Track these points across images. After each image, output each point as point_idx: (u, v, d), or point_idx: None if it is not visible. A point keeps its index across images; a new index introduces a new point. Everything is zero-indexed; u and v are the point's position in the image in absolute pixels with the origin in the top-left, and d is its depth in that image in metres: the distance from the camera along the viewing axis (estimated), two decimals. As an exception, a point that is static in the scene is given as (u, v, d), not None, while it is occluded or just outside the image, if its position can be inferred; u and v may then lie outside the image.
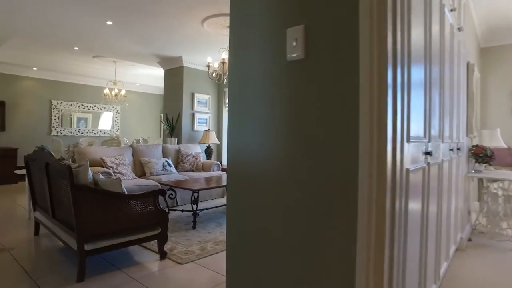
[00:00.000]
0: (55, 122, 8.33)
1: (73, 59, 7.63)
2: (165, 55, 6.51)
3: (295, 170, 1.34)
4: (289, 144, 1.37)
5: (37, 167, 3.30)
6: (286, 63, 1.39)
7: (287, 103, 1.40)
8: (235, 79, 1.60)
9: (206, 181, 4.71)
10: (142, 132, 10.16)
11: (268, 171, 1.44)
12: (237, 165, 1.57)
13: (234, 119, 1.59)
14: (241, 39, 1.55)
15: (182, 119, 6.66)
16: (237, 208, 1.56)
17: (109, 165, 4.72)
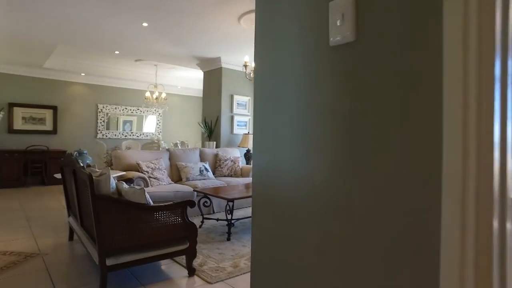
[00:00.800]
0: (101, 125, 8.60)
1: (116, 63, 7.81)
2: (203, 57, 6.36)
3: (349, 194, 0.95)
4: (336, 160, 0.99)
5: (68, 173, 3.22)
6: (328, 50, 1.01)
7: (332, 104, 1.01)
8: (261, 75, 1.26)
9: (243, 189, 4.42)
10: (183, 135, 10.20)
11: (310, 195, 1.06)
12: (265, 187, 1.23)
13: (261, 127, 1.25)
14: (268, 21, 1.21)
15: (221, 122, 6.46)
16: (264, 245, 1.21)
17: (144, 170, 4.62)
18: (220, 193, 3.93)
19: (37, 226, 4.12)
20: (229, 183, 5.18)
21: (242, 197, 3.79)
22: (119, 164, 4.67)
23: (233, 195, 3.85)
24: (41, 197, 5.98)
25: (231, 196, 3.77)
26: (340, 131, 0.96)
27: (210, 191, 4.12)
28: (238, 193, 4.02)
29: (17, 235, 3.79)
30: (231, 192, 4.05)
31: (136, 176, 4.29)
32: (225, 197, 3.68)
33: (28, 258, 3.13)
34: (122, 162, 4.69)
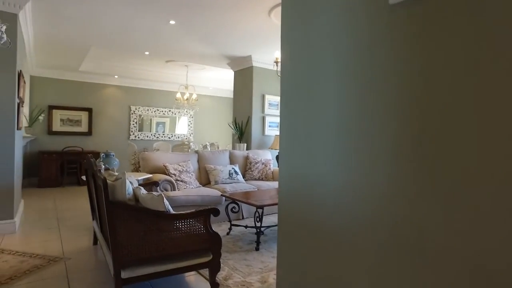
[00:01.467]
0: (133, 127, 8.67)
1: (148, 65, 7.82)
2: (233, 55, 6.14)
3: (441, 228, 0.62)
4: (417, 172, 0.65)
5: (89, 176, 3.10)
6: (387, 10, 0.68)
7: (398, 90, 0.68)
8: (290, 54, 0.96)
9: (274, 194, 4.11)
10: (215, 136, 10.08)
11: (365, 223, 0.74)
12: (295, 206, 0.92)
13: (288, 132, 0.94)
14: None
15: (252, 123, 6.20)
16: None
17: (171, 172, 4.45)
18: (249, 199, 3.65)
19: (66, 228, 4.07)
20: (259, 187, 4.90)
21: (273, 203, 3.48)
22: (146, 166, 4.55)
23: (263, 201, 3.55)
24: (74, 197, 6.05)
25: (260, 202, 3.48)
26: (416, 126, 0.63)
27: (239, 196, 3.85)
28: (269, 199, 3.72)
29: (47, 236, 3.75)
30: (261, 198, 3.76)
31: (163, 179, 4.13)
32: (254, 204, 3.39)
33: (52, 262, 3.03)
34: (149, 164, 4.56)
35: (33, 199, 5.77)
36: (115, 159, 4.10)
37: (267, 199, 3.73)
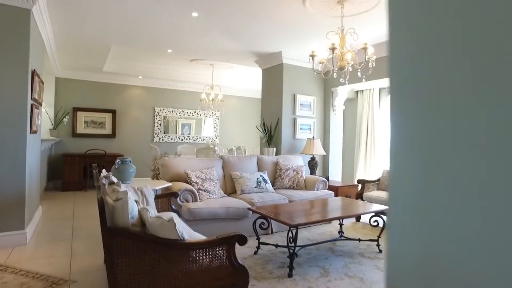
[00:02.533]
0: (157, 129, 8.39)
1: (172, 65, 7.49)
2: (262, 52, 5.63)
3: None
4: None
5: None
6: None
7: None
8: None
9: (309, 208, 3.55)
10: (241, 139, 9.63)
11: None
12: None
13: (410, 155, 0.41)
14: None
15: (282, 125, 5.66)
16: None
17: (193, 181, 4.00)
18: (280, 215, 3.11)
19: (80, 239, 3.73)
20: (290, 198, 4.35)
21: (309, 222, 2.93)
22: (166, 174, 4.13)
23: (298, 218, 3.01)
24: (94, 203, 5.77)
25: (295, 220, 2.93)
26: None
27: (268, 211, 3.32)
28: (303, 215, 3.17)
29: (57, 251, 3.41)
30: (294, 214, 3.22)
31: (183, 189, 3.68)
32: (287, 223, 2.85)
33: (54, 286, 2.65)
34: (169, 171, 4.14)
35: (53, 205, 5.54)
36: (131, 166, 3.70)
37: (301, 215, 3.18)
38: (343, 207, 3.62)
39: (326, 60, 3.73)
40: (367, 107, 6.84)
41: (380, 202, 4.46)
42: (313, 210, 3.44)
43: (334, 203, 3.80)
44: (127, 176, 3.69)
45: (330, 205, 3.69)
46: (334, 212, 3.35)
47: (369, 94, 6.82)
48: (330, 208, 3.55)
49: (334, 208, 3.57)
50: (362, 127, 6.90)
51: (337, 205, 3.72)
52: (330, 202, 3.87)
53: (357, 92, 7.13)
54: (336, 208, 3.55)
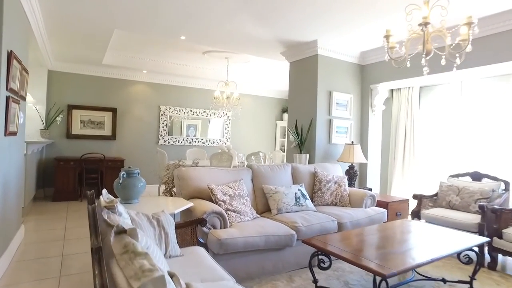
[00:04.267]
0: (163, 130, 7.46)
1: (181, 58, 6.59)
2: (293, 41, 4.74)
3: None
4: None
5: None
6: None
7: None
8: None
9: (383, 239, 2.65)
10: (255, 143, 8.73)
11: None
12: None
13: None
14: None
15: (316, 128, 4.76)
16: None
17: (219, 198, 3.09)
18: (362, 261, 2.19)
19: (68, 279, 2.79)
20: (340, 219, 3.45)
21: (410, 267, 2.02)
22: (184, 188, 3.22)
23: (389, 262, 2.09)
24: (91, 219, 4.84)
25: (387, 267, 2.01)
26: None
27: (339, 249, 2.39)
28: (388, 254, 2.25)
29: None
30: (369, 249, 2.32)
31: (209, 211, 2.77)
32: (379, 272, 1.93)
33: None
34: (188, 186, 3.23)
35: (41, 220, 4.60)
36: (140, 181, 2.80)
37: (385, 254, 2.27)
38: (430, 237, 2.71)
39: (409, 42, 2.81)
40: (405, 108, 5.95)
41: (448, 224, 3.57)
42: (391, 243, 2.53)
43: (410, 230, 2.89)
44: (135, 194, 2.79)
45: (408, 234, 2.77)
46: (428, 248, 2.43)
47: (407, 93, 5.94)
48: (412, 239, 2.64)
49: (418, 239, 2.66)
50: (399, 131, 6.01)
51: (416, 233, 2.80)
52: (401, 228, 2.96)
53: (392, 91, 6.25)
54: (422, 240, 2.64)
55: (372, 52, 4.96)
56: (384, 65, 4.89)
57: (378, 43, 4.70)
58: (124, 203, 2.74)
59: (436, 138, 5.62)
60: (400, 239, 2.66)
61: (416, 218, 3.99)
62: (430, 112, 5.74)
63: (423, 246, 2.45)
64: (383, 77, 4.94)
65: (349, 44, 4.78)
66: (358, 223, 3.56)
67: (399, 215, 4.29)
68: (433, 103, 5.68)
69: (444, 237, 2.70)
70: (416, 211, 4.02)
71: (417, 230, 2.92)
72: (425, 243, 2.53)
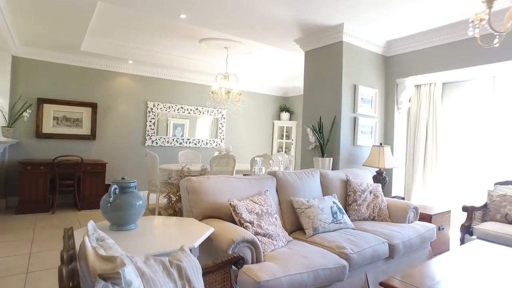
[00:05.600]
0: (150, 129, 6.56)
1: (174, 47, 5.75)
2: (313, 23, 4.02)
3: None
4: None
5: None
6: None
7: None
8: None
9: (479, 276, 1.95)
10: (252, 145, 7.96)
11: None
12: None
13: None
14: None
15: (341, 127, 4.06)
16: None
17: (245, 219, 2.31)
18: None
19: None
20: (390, 240, 2.74)
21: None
22: (196, 205, 2.41)
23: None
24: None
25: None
26: None
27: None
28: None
29: None
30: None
31: (239, 240, 1.98)
32: None
33: None
34: (202, 201, 2.42)
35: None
36: (138, 197, 1.98)
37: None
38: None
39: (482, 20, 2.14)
40: (426, 106, 5.37)
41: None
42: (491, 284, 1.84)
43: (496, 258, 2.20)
44: (132, 216, 1.97)
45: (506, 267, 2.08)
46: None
47: (429, 89, 5.36)
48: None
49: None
50: (420, 132, 5.42)
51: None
52: (485, 254, 2.27)
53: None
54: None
55: (399, 42, 4.33)
56: (413, 56, 4.27)
57: (407, 31, 4.07)
58: (116, 229, 1.92)
59: (462, 141, 5.05)
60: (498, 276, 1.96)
61: (467, 234, 3.36)
62: (455, 111, 5.17)
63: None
64: (411, 70, 4.31)
65: (376, 31, 4.12)
66: (410, 243, 2.87)
67: (442, 229, 3.65)
68: (459, 101, 5.11)
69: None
70: (467, 225, 3.39)
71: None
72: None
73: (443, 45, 3.96)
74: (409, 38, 4.21)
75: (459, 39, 3.81)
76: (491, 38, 2.26)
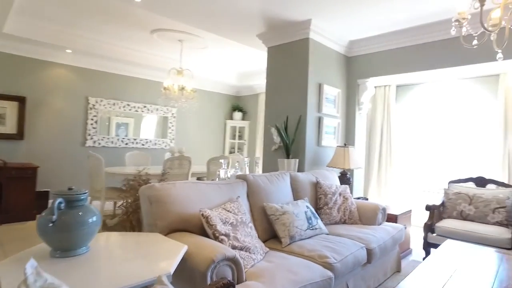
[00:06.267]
0: (92, 128, 5.85)
1: (122, 39, 5.18)
2: (280, 18, 3.82)
3: None
4: None
5: None
6: None
7: None
8: None
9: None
10: (202, 145, 7.57)
11: None
12: None
13: None
14: None
15: (306, 127, 3.92)
16: None
17: (220, 231, 2.00)
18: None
19: None
20: (368, 244, 2.63)
21: None
22: (163, 217, 2.04)
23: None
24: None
25: None
26: None
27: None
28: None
29: None
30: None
31: (219, 259, 1.68)
32: None
33: None
34: (169, 212, 2.06)
35: None
36: (92, 213, 1.59)
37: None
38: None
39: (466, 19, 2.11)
40: (381, 108, 5.53)
41: (473, 239, 3.06)
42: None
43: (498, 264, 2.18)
44: (84, 238, 1.58)
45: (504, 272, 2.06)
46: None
47: (384, 91, 5.52)
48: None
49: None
50: (375, 133, 5.56)
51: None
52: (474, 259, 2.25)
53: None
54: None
55: (363, 42, 4.33)
56: (374, 57, 4.31)
57: (370, 33, 4.09)
58: (61, 255, 1.49)
59: (415, 142, 5.28)
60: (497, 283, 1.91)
61: (430, 232, 3.42)
62: (408, 114, 5.39)
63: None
64: (373, 71, 4.34)
65: (340, 30, 4.06)
66: (385, 246, 2.81)
67: (405, 229, 3.69)
68: (411, 103, 5.34)
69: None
70: (429, 224, 3.45)
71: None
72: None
73: (404, 48, 4.04)
74: (372, 39, 4.23)
75: (418, 42, 3.90)
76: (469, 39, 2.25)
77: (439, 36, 3.72)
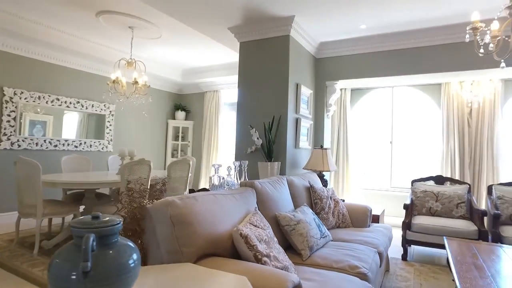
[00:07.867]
0: (9, 127, 4.74)
1: (59, 19, 4.29)
2: (260, 11, 3.57)
3: None
4: None
5: None
6: None
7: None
8: None
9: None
10: (143, 146, 6.83)
11: None
12: None
13: None
14: None
15: (287, 129, 3.75)
16: None
17: (262, 252, 1.70)
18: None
19: None
20: (377, 247, 2.57)
21: None
22: (191, 242, 1.62)
23: None
24: None
25: None
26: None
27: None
28: None
29: None
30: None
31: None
32: None
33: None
34: (197, 234, 1.65)
35: None
36: (131, 250, 1.20)
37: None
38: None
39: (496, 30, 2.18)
40: (338, 111, 5.68)
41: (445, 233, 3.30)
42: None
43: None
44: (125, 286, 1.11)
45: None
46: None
47: (341, 95, 5.69)
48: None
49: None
50: (333, 135, 5.69)
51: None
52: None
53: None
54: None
55: (331, 45, 4.36)
56: (343, 60, 4.38)
57: (341, 36, 4.14)
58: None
59: (369, 144, 5.57)
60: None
61: (408, 230, 3.58)
62: (361, 117, 5.65)
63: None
64: (341, 73, 4.40)
65: (314, 30, 4.01)
66: (386, 248, 2.81)
67: (381, 229, 3.81)
68: (364, 107, 5.61)
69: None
70: (407, 222, 3.61)
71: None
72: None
73: (373, 53, 4.18)
74: (340, 42, 4.28)
75: (386, 49, 4.08)
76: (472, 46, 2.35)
77: (407, 44, 3.94)
